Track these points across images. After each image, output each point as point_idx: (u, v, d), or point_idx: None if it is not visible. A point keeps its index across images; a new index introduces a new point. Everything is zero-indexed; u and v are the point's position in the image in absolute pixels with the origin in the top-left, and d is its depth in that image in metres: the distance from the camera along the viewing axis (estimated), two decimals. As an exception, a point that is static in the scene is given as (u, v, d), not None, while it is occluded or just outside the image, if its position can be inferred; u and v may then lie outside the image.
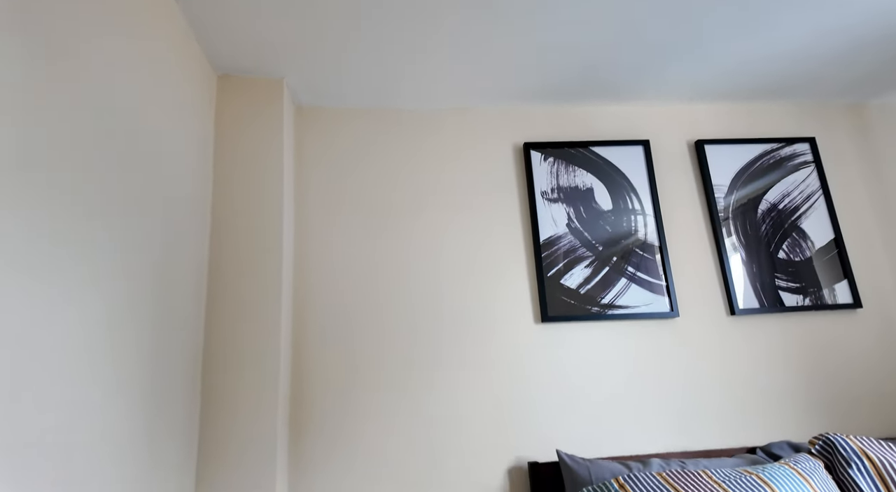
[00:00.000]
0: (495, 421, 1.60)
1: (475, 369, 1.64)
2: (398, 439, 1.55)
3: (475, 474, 1.54)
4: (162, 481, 1.16)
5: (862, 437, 1.39)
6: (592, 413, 1.64)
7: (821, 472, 1.32)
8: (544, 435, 1.60)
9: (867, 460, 1.32)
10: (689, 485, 1.27)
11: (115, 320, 1.00)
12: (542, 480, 1.51)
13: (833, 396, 1.70)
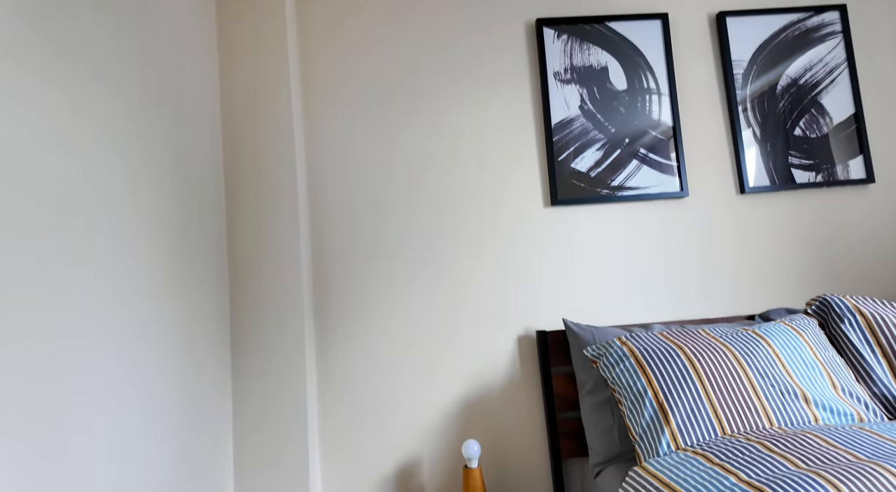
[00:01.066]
0: (506, 297, 1.69)
1: (488, 251, 1.71)
2: (416, 315, 1.65)
3: (487, 343, 1.66)
4: (199, 367, 1.27)
5: (857, 296, 1.46)
6: (599, 290, 1.72)
7: (814, 328, 1.41)
8: (553, 309, 1.70)
9: (860, 315, 1.40)
10: (687, 340, 1.37)
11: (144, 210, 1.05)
12: (549, 346, 1.63)
13: (839, 269, 1.76)
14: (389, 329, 1.63)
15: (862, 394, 1.28)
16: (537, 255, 1.72)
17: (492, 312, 1.68)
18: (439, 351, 1.64)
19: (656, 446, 1.22)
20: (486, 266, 1.70)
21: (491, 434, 1.59)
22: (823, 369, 1.30)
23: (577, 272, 1.72)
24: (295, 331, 1.46)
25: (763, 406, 1.22)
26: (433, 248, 1.69)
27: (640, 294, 1.72)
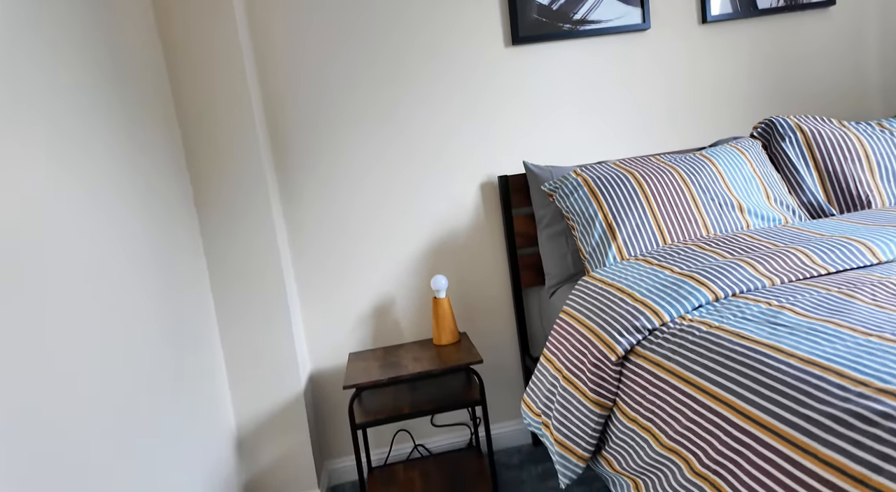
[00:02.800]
0: (468, 143, 1.69)
1: (448, 96, 1.66)
2: (378, 167, 1.65)
3: (451, 189, 1.70)
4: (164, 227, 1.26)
5: (801, 115, 1.52)
6: (561, 130, 1.73)
7: (757, 147, 1.48)
8: (514, 154, 1.72)
9: (800, 132, 1.46)
10: (639, 166, 1.43)
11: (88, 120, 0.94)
12: (510, 189, 1.68)
13: (794, 97, 1.79)
14: (357, 181, 1.64)
15: (791, 202, 1.40)
16: (499, 99, 1.69)
17: (453, 159, 1.69)
18: (407, 200, 1.67)
19: (603, 260, 1.34)
20: (447, 112, 1.67)
21: (459, 271, 1.71)
22: (760, 182, 1.39)
23: (539, 115, 1.72)
24: (256, 186, 1.45)
25: (702, 218, 1.33)
26: (388, 99, 1.64)
27: (601, 134, 1.75)
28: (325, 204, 1.64)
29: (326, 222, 1.64)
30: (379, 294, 1.67)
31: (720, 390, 0.75)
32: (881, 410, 0.56)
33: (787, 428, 0.63)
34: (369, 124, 1.64)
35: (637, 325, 0.99)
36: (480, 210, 1.72)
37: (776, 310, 0.89)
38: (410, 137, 1.66)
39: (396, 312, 1.68)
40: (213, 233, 1.44)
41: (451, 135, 1.68)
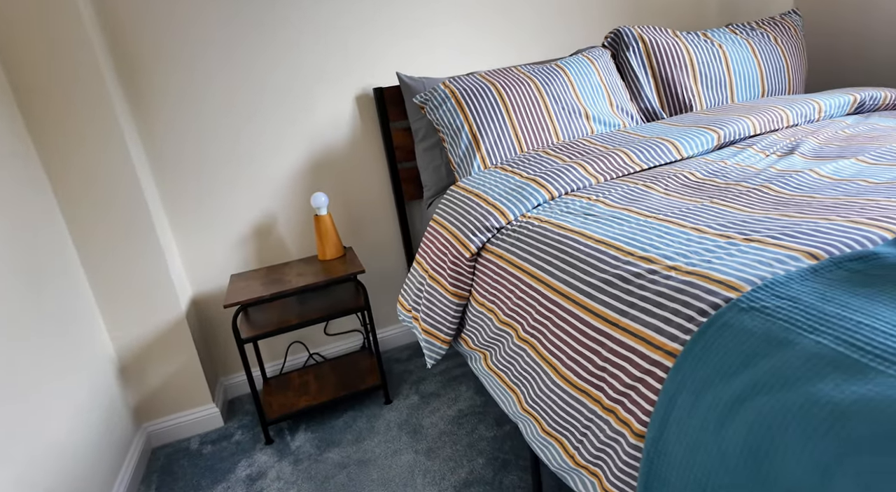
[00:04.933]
0: (340, 55, 1.64)
1: (322, 8, 1.56)
2: (251, 81, 1.56)
3: (326, 103, 1.66)
4: None
5: (644, 25, 1.65)
6: (430, 41, 1.72)
7: (606, 57, 1.61)
8: (390, 64, 1.70)
9: (641, 42, 1.60)
10: (500, 78, 1.49)
11: None
12: (386, 102, 1.69)
13: (634, 6, 1.91)
14: (221, 98, 1.54)
15: (631, 108, 1.57)
16: (374, 6, 1.62)
17: (331, 72, 1.64)
18: (280, 115, 1.62)
19: (469, 170, 1.43)
20: (323, 23, 1.58)
21: (342, 187, 1.73)
22: (605, 90, 1.53)
23: (415, 25, 1.69)
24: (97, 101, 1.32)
25: (554, 126, 1.46)
26: (263, 4, 1.50)
27: (474, 44, 1.77)
28: (186, 125, 1.53)
29: (190, 145, 1.55)
30: (259, 215, 1.66)
31: (539, 270, 0.90)
32: (635, 271, 0.73)
33: (576, 293, 0.79)
34: (232, 34, 1.51)
35: (487, 225, 1.12)
36: (358, 124, 1.72)
37: (593, 203, 1.05)
38: (280, 48, 1.57)
39: (280, 231, 1.69)
40: (58, 163, 1.31)
41: (324, 45, 1.61)
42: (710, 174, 1.07)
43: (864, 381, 0.44)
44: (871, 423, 0.42)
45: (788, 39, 1.68)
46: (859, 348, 0.47)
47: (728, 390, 0.52)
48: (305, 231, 1.72)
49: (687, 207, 0.91)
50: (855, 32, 1.79)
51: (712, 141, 1.24)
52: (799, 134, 1.24)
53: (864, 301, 0.52)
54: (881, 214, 0.70)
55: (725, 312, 0.58)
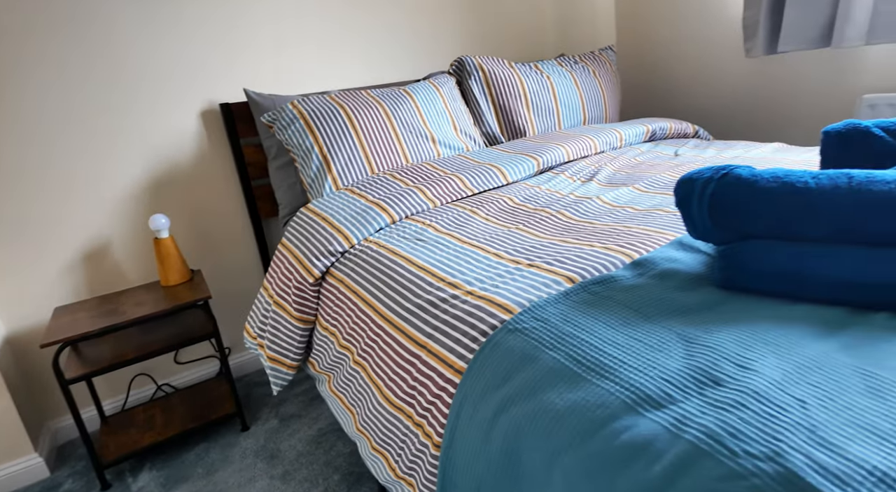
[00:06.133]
0: (182, 69, 1.55)
1: (155, 9, 1.46)
2: (80, 99, 1.41)
3: (167, 119, 1.57)
4: None
5: (484, 56, 1.81)
6: (282, 58, 1.71)
7: (451, 84, 1.73)
8: (235, 81, 1.65)
9: (481, 71, 1.76)
10: (349, 100, 1.54)
11: None
12: (237, 119, 1.64)
13: (486, 34, 2.08)
14: (49, 111, 1.38)
15: (474, 133, 1.71)
16: (220, 22, 1.56)
17: (172, 86, 1.54)
18: (112, 130, 1.49)
19: (321, 190, 1.46)
20: (164, 34, 1.48)
21: (187, 206, 1.64)
22: (450, 116, 1.65)
23: (262, 41, 1.65)
24: None
25: (403, 149, 1.54)
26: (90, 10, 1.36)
27: (326, 63, 1.79)
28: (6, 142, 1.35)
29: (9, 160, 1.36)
30: (90, 239, 1.51)
31: (370, 295, 0.97)
32: (442, 296, 0.82)
33: (396, 317, 0.87)
34: (53, 41, 1.35)
35: (331, 249, 1.15)
36: (204, 140, 1.65)
37: (425, 228, 1.14)
38: (112, 61, 1.44)
39: (115, 256, 1.56)
40: None
41: (161, 59, 1.52)
42: (524, 200, 1.23)
43: (577, 389, 0.57)
44: (576, 424, 0.54)
45: (605, 72, 1.96)
46: (579, 362, 0.60)
47: (494, 401, 0.63)
48: (146, 256, 1.60)
49: (497, 232, 1.04)
50: (664, 67, 2.14)
51: (533, 167, 1.41)
52: (603, 161, 1.46)
53: (592, 321, 0.66)
54: (628, 240, 0.87)
55: (497, 334, 0.69)
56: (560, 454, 0.53)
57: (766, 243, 0.65)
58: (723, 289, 0.67)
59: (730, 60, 1.87)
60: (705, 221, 0.69)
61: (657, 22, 2.08)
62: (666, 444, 0.46)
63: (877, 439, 0.41)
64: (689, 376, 0.52)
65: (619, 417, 0.51)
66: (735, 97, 1.90)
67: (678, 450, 0.45)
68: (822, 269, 0.60)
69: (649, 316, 0.64)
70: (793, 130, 1.77)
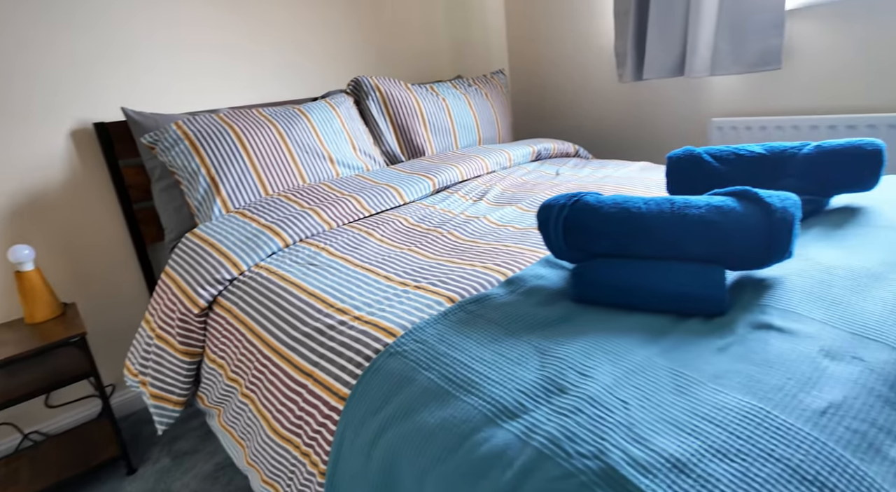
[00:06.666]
0: (50, 83, 1.42)
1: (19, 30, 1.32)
2: None
3: (32, 141, 1.42)
4: None
5: (382, 77, 1.85)
6: (165, 74, 1.62)
7: (348, 103, 1.75)
8: (112, 99, 1.54)
9: (378, 91, 1.79)
10: (239, 120, 1.50)
11: None
12: (113, 139, 1.52)
13: (384, 54, 2.12)
14: None
15: (374, 152, 1.74)
16: (95, 35, 1.44)
17: (33, 104, 1.40)
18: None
19: (210, 214, 1.40)
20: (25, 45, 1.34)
21: (57, 234, 1.49)
22: (348, 135, 1.67)
23: (145, 56, 1.55)
24: None
25: (299, 169, 1.52)
26: None
27: (216, 79, 1.72)
28: None
29: None
30: (-68, 277, 1.32)
31: (257, 325, 0.95)
32: (330, 323, 0.84)
33: (283, 347, 0.86)
34: None
35: (218, 277, 1.12)
36: (76, 163, 1.51)
37: (319, 251, 1.14)
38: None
39: (-33, 294, 1.38)
40: None
41: (26, 73, 1.37)
42: (419, 220, 1.27)
43: (447, 406, 0.61)
44: (444, 439, 0.58)
45: (497, 95, 2.08)
46: (451, 381, 0.64)
47: (374, 425, 0.65)
48: (7, 291, 1.43)
49: (390, 254, 1.07)
50: (550, 90, 2.31)
51: (429, 187, 1.47)
52: (493, 180, 1.55)
53: (464, 339, 0.71)
54: (505, 259, 0.95)
55: (379, 358, 0.72)
56: (430, 470, 0.57)
57: (610, 261, 0.75)
58: (577, 303, 0.75)
59: (607, 85, 2.08)
60: (560, 242, 0.78)
61: (543, 48, 2.25)
62: (517, 451, 0.52)
63: (675, 430, 0.49)
64: (540, 386, 0.59)
65: (480, 429, 0.56)
66: (611, 119, 2.11)
67: (525, 456, 0.51)
68: (652, 282, 0.70)
69: (514, 331, 0.70)
70: (658, 149, 2.00)
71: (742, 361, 0.56)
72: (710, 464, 0.45)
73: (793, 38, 1.56)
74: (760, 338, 0.59)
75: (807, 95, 1.57)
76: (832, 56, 1.49)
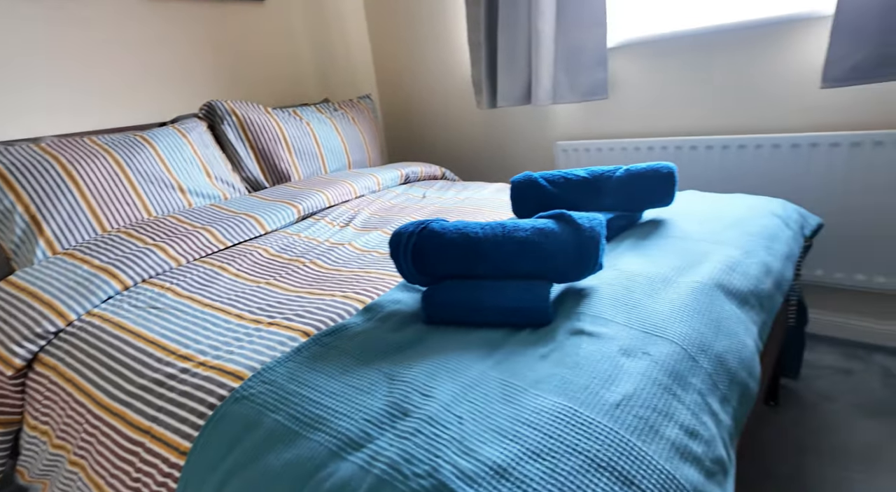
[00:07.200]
0: None
1: None
2: None
3: None
4: None
5: (238, 101, 1.77)
6: None
7: (200, 129, 1.64)
8: None
9: (234, 116, 1.71)
10: (66, 150, 1.33)
11: None
12: None
13: (241, 77, 2.04)
14: None
15: (233, 179, 1.65)
16: None
17: None
18: None
19: (30, 257, 1.22)
20: None
21: None
22: (201, 163, 1.57)
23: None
24: None
25: (143, 201, 1.39)
26: None
27: (37, 103, 1.51)
28: None
29: None
30: None
31: (86, 381, 0.85)
32: (170, 372, 0.77)
33: (116, 404, 0.78)
34: None
35: (39, 331, 0.97)
36: None
37: (163, 292, 1.05)
38: None
39: None
40: None
41: None
42: (281, 249, 1.24)
43: (293, 447, 0.60)
44: (289, 481, 0.57)
45: (364, 119, 2.11)
46: (298, 420, 0.63)
47: (217, 476, 0.62)
48: None
49: (245, 290, 1.02)
50: (419, 114, 2.39)
51: (293, 214, 1.43)
52: (362, 204, 1.56)
53: (315, 375, 0.70)
54: (366, 286, 0.96)
55: (224, 405, 0.68)
56: (277, 516, 0.55)
57: (455, 282, 0.80)
58: (428, 324, 0.79)
59: (468, 111, 2.22)
60: (410, 267, 0.81)
61: (410, 74, 2.34)
62: (359, 481, 0.53)
63: (500, 437, 0.53)
64: (386, 413, 0.60)
65: (325, 465, 0.56)
66: (474, 143, 2.25)
67: (367, 485, 0.52)
68: (489, 299, 0.76)
69: (366, 360, 0.72)
70: (513, 171, 2.18)
71: (559, 366, 0.63)
72: (526, 466, 0.50)
73: (616, 72, 1.81)
74: (574, 343, 0.67)
75: (631, 121, 1.83)
76: (648, 87, 1.76)
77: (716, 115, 1.65)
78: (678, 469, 0.52)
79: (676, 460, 0.52)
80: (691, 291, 0.77)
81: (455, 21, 2.14)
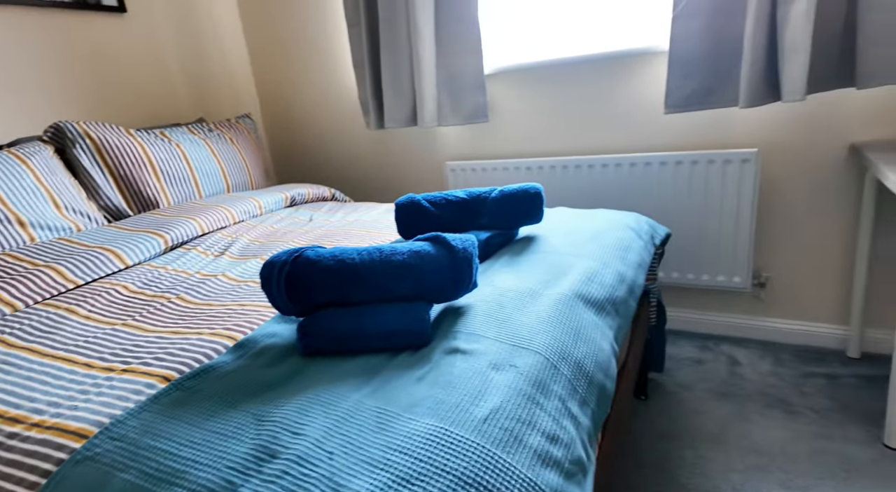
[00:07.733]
0: None
1: None
2: None
3: None
4: None
5: (90, 121, 1.59)
6: None
7: (45, 154, 1.45)
8: None
9: (88, 139, 1.54)
10: None
11: None
12: None
13: (98, 95, 1.84)
14: None
15: (89, 209, 1.47)
16: None
17: None
18: None
19: None
20: None
21: None
22: (48, 193, 1.38)
23: None
24: None
25: (-33, 238, 1.19)
26: None
27: None
28: None
29: None
30: None
31: None
32: None
33: (-82, 489, 0.65)
34: None
35: None
36: None
37: (-9, 344, 0.90)
38: None
39: None
40: None
41: None
42: (144, 285, 1.12)
43: (145, 509, 0.54)
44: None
45: (244, 140, 2.01)
46: (152, 477, 0.57)
47: (51, 559, 0.53)
48: None
49: (97, 334, 0.91)
50: (307, 135, 2.33)
51: (160, 246, 1.31)
52: (241, 230, 1.48)
53: (176, 424, 0.64)
54: (238, 320, 0.90)
55: (62, 469, 0.60)
56: None
57: (332, 311, 0.78)
58: (306, 356, 0.76)
59: (357, 131, 2.21)
60: (284, 297, 0.78)
61: (295, 93, 2.28)
62: (219, 538, 0.49)
63: (371, 468, 0.53)
64: (252, 457, 0.57)
65: (182, 525, 0.51)
66: (364, 163, 2.25)
67: (228, 541, 0.48)
68: (368, 325, 0.75)
69: (233, 402, 0.67)
70: (404, 191, 2.21)
71: (433, 387, 0.64)
72: (395, 494, 0.50)
73: (495, 96, 1.93)
74: (449, 362, 0.69)
75: (510, 143, 1.95)
76: (522, 111, 1.89)
77: (579, 138, 1.82)
78: (539, 475, 0.55)
79: (538, 467, 0.56)
80: (554, 303, 0.83)
81: (338, 38, 2.13)
